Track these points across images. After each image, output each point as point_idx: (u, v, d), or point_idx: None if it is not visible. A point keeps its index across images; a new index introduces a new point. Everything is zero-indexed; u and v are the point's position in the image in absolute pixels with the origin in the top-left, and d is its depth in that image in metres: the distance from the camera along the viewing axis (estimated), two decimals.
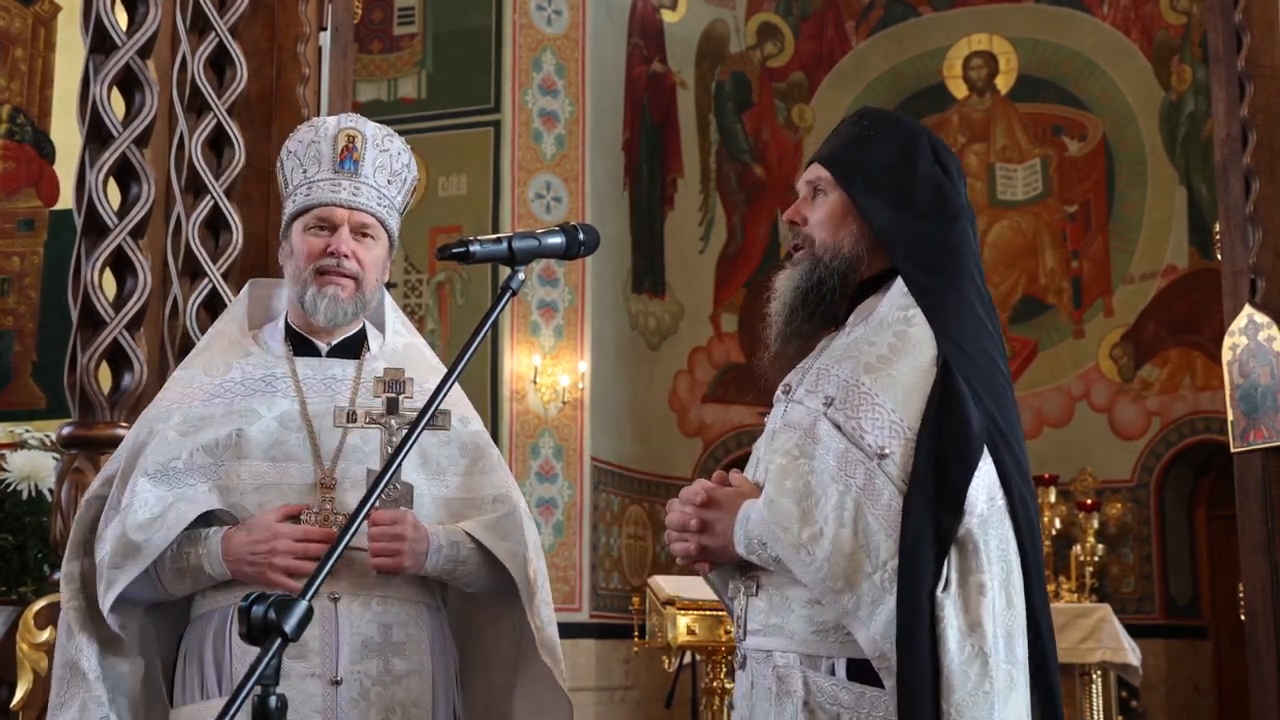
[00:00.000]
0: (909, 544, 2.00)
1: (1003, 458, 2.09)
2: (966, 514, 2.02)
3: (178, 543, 2.41)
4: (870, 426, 2.08)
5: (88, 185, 3.52)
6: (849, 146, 2.32)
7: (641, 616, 7.93)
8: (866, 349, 2.16)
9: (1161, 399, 11.57)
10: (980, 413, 2.08)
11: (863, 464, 2.06)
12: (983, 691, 1.98)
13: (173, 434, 2.49)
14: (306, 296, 2.54)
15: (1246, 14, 4.30)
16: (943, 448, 2.05)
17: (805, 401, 2.18)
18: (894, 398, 2.09)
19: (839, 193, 2.28)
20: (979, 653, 1.99)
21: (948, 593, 1.99)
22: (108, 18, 3.58)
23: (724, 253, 12.56)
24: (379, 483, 1.88)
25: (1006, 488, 2.08)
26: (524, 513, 2.60)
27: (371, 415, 2.47)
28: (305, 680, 2.37)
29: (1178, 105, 11.70)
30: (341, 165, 2.54)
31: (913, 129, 2.36)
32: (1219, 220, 4.47)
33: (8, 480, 4.01)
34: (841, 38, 12.84)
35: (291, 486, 2.46)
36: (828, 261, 2.26)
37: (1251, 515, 4.18)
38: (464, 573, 2.51)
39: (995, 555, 2.04)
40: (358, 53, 9.40)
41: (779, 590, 2.15)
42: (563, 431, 10.59)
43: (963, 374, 2.10)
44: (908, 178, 2.27)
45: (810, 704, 2.09)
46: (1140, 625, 10.19)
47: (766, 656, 2.16)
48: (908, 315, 2.16)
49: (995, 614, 2.01)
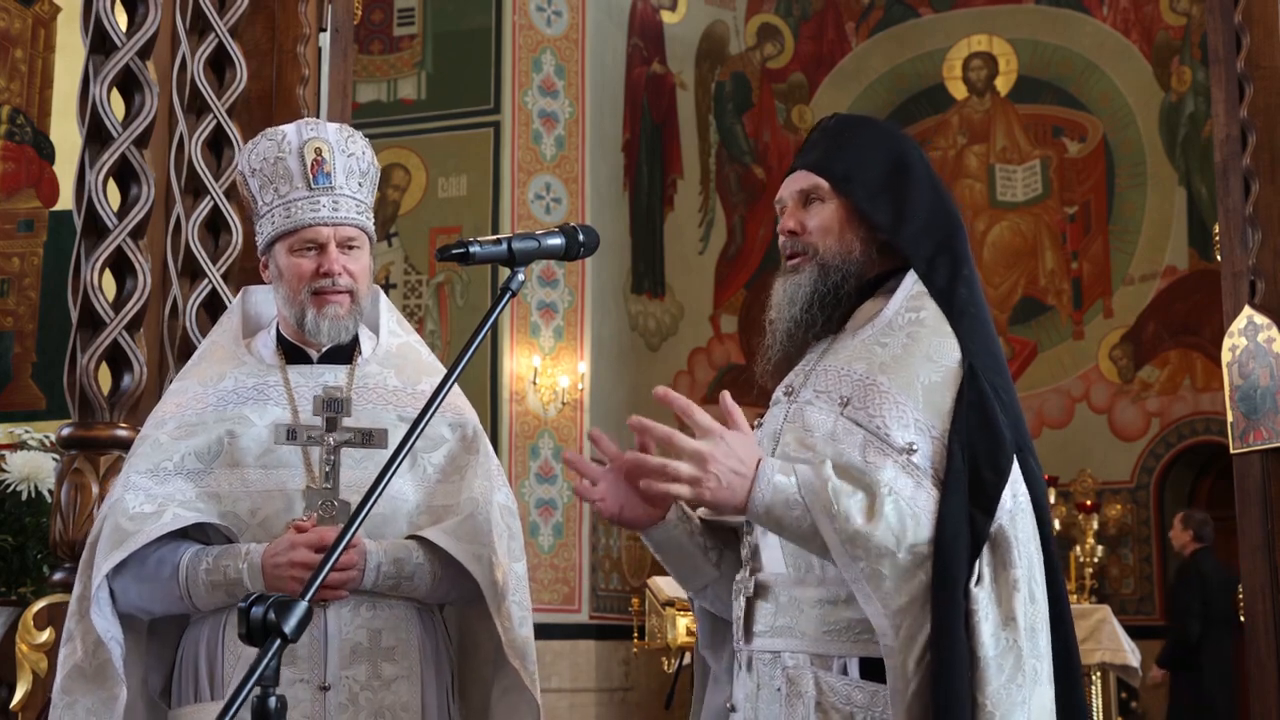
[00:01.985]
0: (946, 541, 2.00)
1: (1028, 460, 2.11)
2: (998, 510, 2.04)
3: (213, 557, 2.42)
4: (894, 424, 2.07)
5: (87, 186, 3.52)
6: (839, 152, 2.31)
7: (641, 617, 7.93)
8: (879, 350, 2.15)
9: (1161, 400, 11.57)
10: (1008, 419, 2.09)
11: (890, 456, 2.05)
12: (1016, 684, 1.99)
13: (165, 438, 2.50)
14: (307, 320, 2.54)
15: (1246, 15, 4.30)
16: (975, 454, 2.05)
17: (816, 402, 2.17)
18: (914, 397, 2.09)
19: (838, 199, 2.28)
20: (1013, 645, 2.00)
21: (981, 586, 2.00)
22: (107, 19, 3.58)
23: (724, 254, 12.56)
24: (371, 493, 1.87)
25: (1030, 485, 2.10)
26: (501, 513, 2.57)
27: (310, 434, 2.48)
28: (294, 686, 2.37)
29: (1177, 106, 11.71)
30: (315, 181, 2.52)
31: (895, 132, 2.37)
32: (1219, 221, 4.47)
33: (7, 481, 4.01)
34: (841, 39, 12.85)
35: (284, 493, 2.46)
36: (840, 265, 2.25)
37: (1251, 516, 4.18)
38: (411, 588, 2.49)
39: (1023, 550, 2.05)
40: (357, 53, 9.41)
41: (787, 591, 2.15)
42: (562, 432, 10.58)
43: (987, 379, 2.11)
44: (904, 180, 2.27)
45: (823, 704, 2.08)
46: (1140, 626, 10.19)
47: (775, 658, 2.15)
48: (918, 316, 2.17)
49: (1025, 608, 2.03)
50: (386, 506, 2.49)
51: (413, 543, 2.49)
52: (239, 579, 2.39)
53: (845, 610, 2.07)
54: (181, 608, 2.46)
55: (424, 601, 2.54)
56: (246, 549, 2.42)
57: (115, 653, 2.40)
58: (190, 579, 2.41)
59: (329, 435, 2.48)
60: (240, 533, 2.45)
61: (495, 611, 2.49)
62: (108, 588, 2.42)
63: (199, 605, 2.44)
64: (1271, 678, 4.10)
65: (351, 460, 2.49)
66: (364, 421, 2.53)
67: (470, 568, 2.48)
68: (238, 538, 2.45)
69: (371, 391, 2.58)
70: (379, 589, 2.46)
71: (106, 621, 2.41)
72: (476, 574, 2.49)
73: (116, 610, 2.43)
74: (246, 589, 2.38)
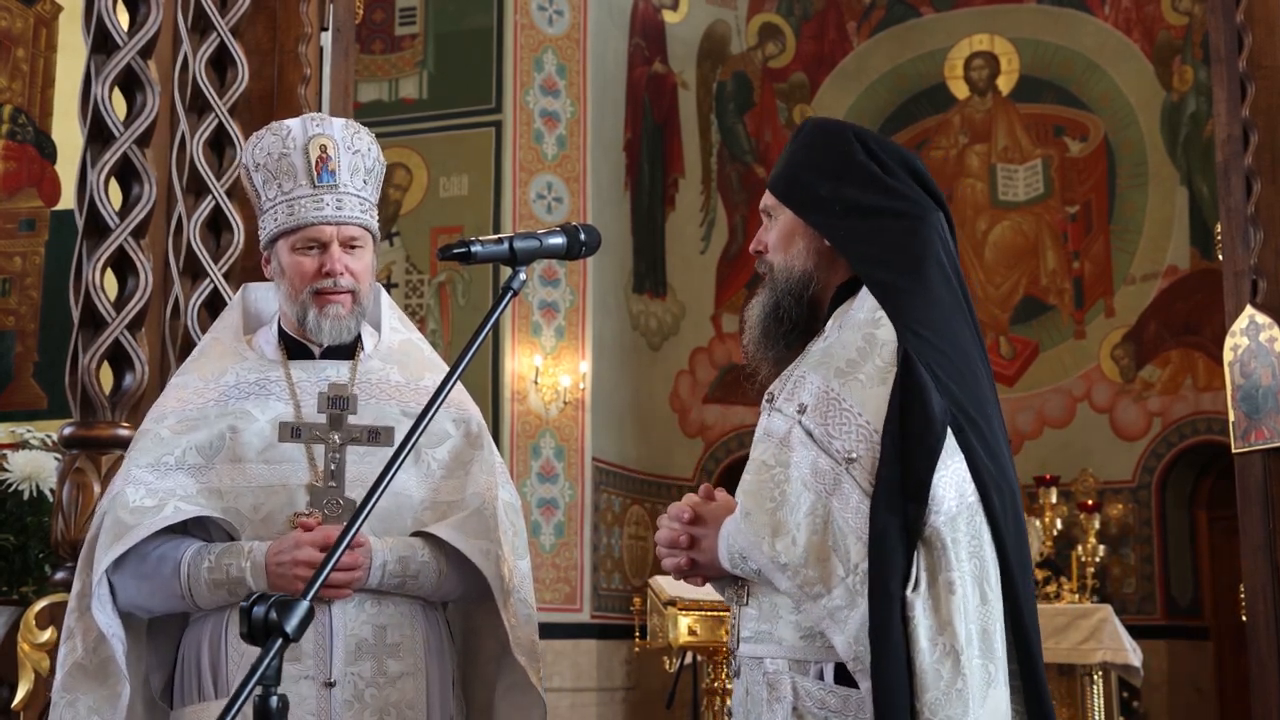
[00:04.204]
0: (875, 540, 2.01)
1: (970, 442, 2.09)
2: (933, 511, 2.03)
3: (215, 555, 2.41)
4: (839, 432, 2.09)
5: (89, 185, 3.52)
6: (787, 165, 2.36)
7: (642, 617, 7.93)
8: (838, 353, 2.17)
9: (1163, 399, 11.57)
10: (944, 398, 2.08)
11: (831, 470, 2.07)
12: (955, 690, 1.99)
13: (166, 432, 2.49)
14: (309, 319, 2.53)
15: (1248, 14, 4.30)
16: (906, 437, 2.06)
17: (783, 409, 2.20)
18: (859, 400, 2.11)
19: (786, 213, 2.32)
20: (950, 651, 2.00)
21: (918, 592, 2.01)
22: (109, 18, 3.58)
23: (725, 253, 12.56)
24: (373, 492, 1.87)
25: (978, 481, 2.08)
26: (506, 509, 2.57)
27: (315, 431, 2.47)
28: (299, 682, 2.37)
29: (1179, 106, 11.70)
30: (319, 179, 2.51)
31: (841, 133, 2.35)
32: (1220, 221, 4.47)
33: (9, 480, 4.01)
34: (843, 38, 12.84)
35: (287, 489, 2.45)
36: (782, 284, 2.30)
37: (1252, 516, 4.18)
38: (416, 586, 2.48)
39: (966, 552, 2.04)
40: (359, 53, 9.40)
41: (768, 598, 2.17)
42: (564, 432, 10.59)
43: (924, 361, 2.10)
44: (844, 181, 2.27)
45: (799, 709, 2.11)
46: (1141, 626, 10.19)
47: (758, 663, 2.18)
48: (875, 318, 2.17)
49: (968, 611, 2.02)
50: (391, 502, 2.48)
51: (418, 540, 2.49)
52: (241, 578, 2.38)
53: (811, 617, 2.09)
54: (182, 606, 2.45)
55: (429, 599, 2.54)
56: (249, 547, 2.41)
57: (117, 649, 2.39)
58: (191, 577, 2.40)
59: (334, 433, 2.47)
60: (242, 528, 2.44)
61: (502, 608, 2.50)
62: (108, 583, 2.40)
63: (200, 604, 2.44)
64: (1272, 678, 4.09)
65: (355, 456, 2.49)
66: (369, 418, 2.52)
67: (478, 563, 2.48)
68: (239, 534, 2.44)
69: (375, 387, 2.58)
70: (384, 587, 2.45)
71: (108, 617, 2.40)
72: (485, 570, 2.49)
73: (118, 609, 2.43)
74: (249, 588, 2.37)
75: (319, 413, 2.50)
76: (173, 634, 2.54)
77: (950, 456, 2.07)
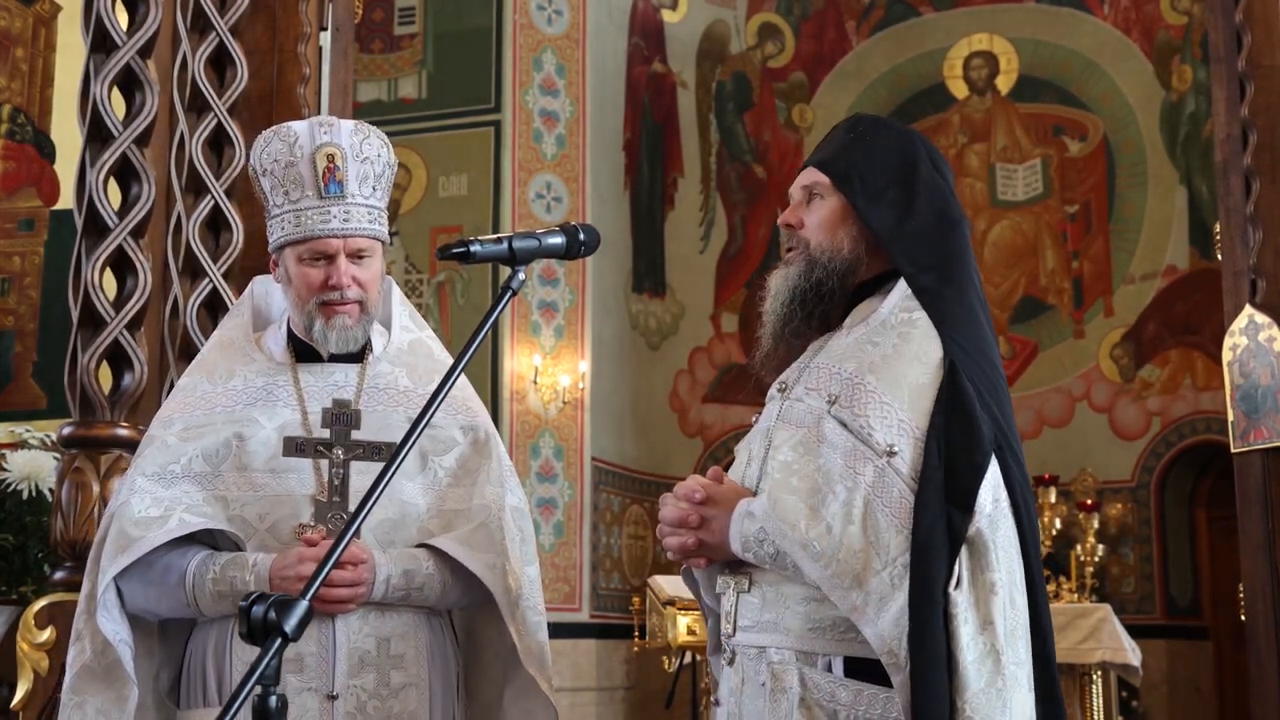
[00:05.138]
0: (922, 539, 2.00)
1: (1007, 461, 2.11)
2: (976, 514, 2.03)
3: (220, 566, 2.40)
4: (878, 424, 2.08)
5: (88, 185, 3.52)
6: (846, 151, 2.34)
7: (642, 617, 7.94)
8: (870, 349, 2.16)
9: (1162, 399, 11.57)
10: (988, 416, 2.10)
11: (871, 461, 2.06)
12: (995, 689, 1.99)
13: (173, 439, 2.48)
14: (315, 329, 2.51)
15: (1247, 14, 4.30)
16: (953, 449, 2.06)
17: (806, 399, 2.18)
18: (900, 397, 2.10)
19: (837, 196, 2.30)
20: (991, 650, 2.00)
21: (960, 589, 2.00)
22: (108, 18, 3.58)
23: (724, 253, 12.56)
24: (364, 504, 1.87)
25: (1010, 489, 2.10)
26: (513, 515, 2.57)
27: (319, 447, 2.47)
28: (302, 694, 2.36)
29: (1178, 105, 11.70)
30: (326, 190, 2.46)
31: (910, 136, 2.37)
32: (1219, 220, 4.47)
33: (8, 480, 4.01)
34: (842, 38, 12.84)
35: (292, 499, 2.44)
36: (825, 263, 2.27)
37: (1252, 515, 4.18)
38: (421, 598, 2.47)
39: (1002, 555, 2.05)
40: (358, 52, 9.41)
41: (774, 587, 2.15)
42: (563, 431, 10.58)
43: (968, 376, 2.11)
44: (908, 183, 2.28)
45: (806, 700, 2.09)
46: (1140, 625, 10.19)
47: (760, 653, 2.16)
48: (911, 317, 2.17)
49: (1006, 612, 2.02)
50: (396, 512, 2.48)
51: (422, 552, 2.48)
52: (245, 590, 2.37)
53: (830, 608, 2.08)
54: (188, 613, 2.45)
55: (433, 609, 2.53)
56: (253, 560, 2.40)
57: (125, 654, 2.39)
58: (196, 587, 2.40)
59: (337, 449, 2.47)
60: (248, 538, 2.43)
61: (509, 619, 2.48)
62: (115, 590, 2.41)
63: (205, 612, 2.43)
64: (1271, 677, 4.09)
65: (360, 470, 2.47)
66: (374, 430, 2.51)
67: (484, 578, 2.47)
68: (244, 543, 2.43)
69: (382, 392, 2.56)
70: (389, 600, 2.44)
71: (114, 624, 2.40)
72: (490, 585, 2.47)
73: (125, 611, 2.42)
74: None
75: (323, 428, 2.48)
76: (183, 633, 2.54)
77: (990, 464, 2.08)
